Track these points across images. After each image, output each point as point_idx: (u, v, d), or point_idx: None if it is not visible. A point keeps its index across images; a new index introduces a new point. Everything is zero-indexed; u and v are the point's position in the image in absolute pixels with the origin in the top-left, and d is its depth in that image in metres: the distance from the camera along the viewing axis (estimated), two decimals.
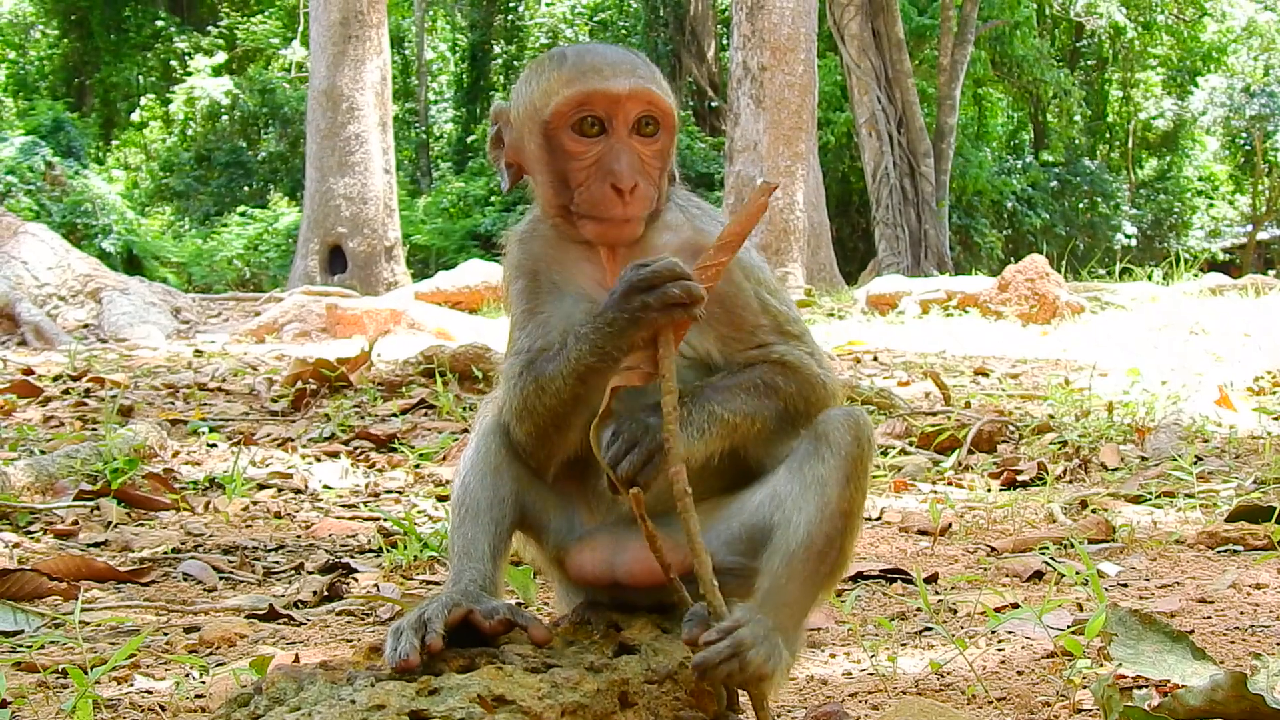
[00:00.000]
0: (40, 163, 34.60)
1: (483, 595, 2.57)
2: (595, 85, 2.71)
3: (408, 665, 2.35)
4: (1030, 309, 16.81)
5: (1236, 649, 3.48)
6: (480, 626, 2.48)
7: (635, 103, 2.72)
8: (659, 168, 2.77)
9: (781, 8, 22.78)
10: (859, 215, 38.92)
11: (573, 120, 2.72)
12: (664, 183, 2.81)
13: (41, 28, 51.84)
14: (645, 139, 2.75)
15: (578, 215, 2.74)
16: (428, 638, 2.40)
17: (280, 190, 43.49)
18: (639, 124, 2.74)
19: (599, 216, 2.72)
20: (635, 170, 2.70)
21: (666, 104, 2.76)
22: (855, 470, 2.70)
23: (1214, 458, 6.89)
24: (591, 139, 2.73)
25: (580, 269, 2.81)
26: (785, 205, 22.75)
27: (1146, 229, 49.12)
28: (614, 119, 2.72)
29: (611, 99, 2.70)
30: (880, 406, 8.64)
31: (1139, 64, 50.78)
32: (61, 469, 6.18)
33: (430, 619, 2.44)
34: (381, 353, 10.61)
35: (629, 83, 2.71)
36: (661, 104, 2.75)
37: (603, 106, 2.71)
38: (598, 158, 2.72)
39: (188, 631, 3.96)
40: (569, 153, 2.73)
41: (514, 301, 2.92)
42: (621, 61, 2.76)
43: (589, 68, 2.73)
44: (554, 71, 2.75)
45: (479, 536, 2.71)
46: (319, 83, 27.91)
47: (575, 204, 2.74)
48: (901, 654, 3.57)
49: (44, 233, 18.52)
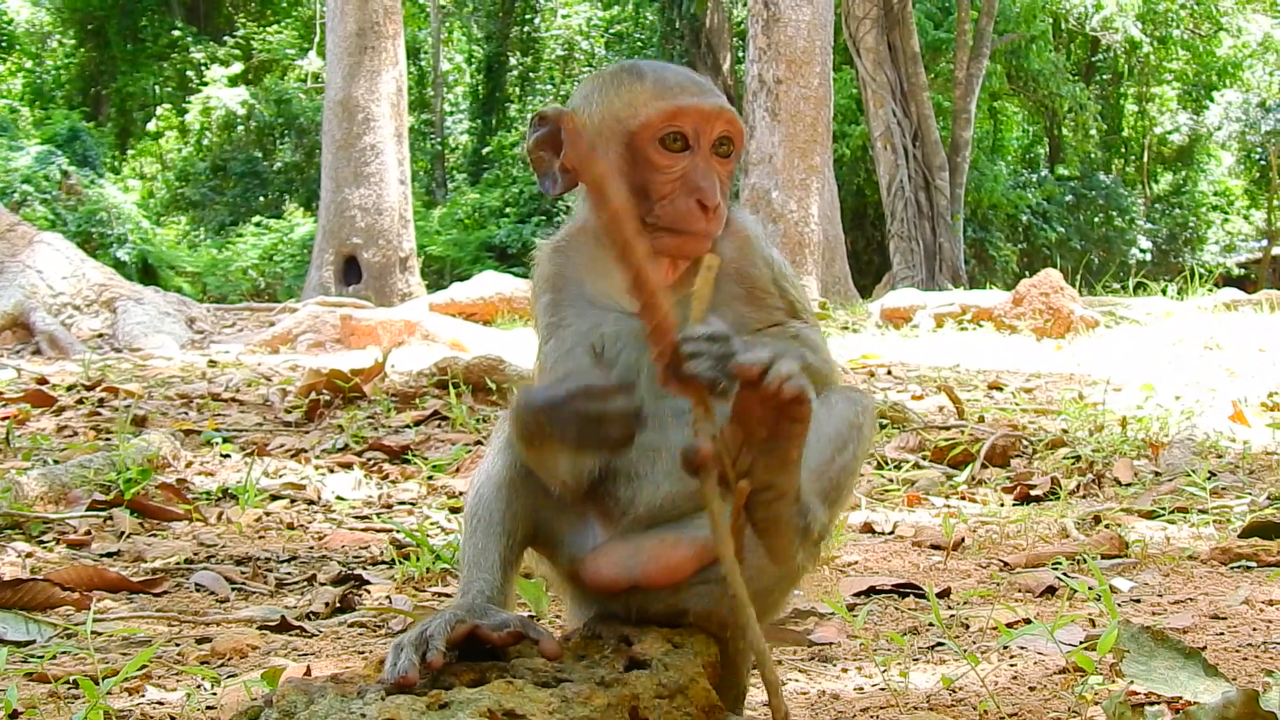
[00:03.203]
0: (56, 172, 34.70)
1: (490, 608, 2.55)
2: (687, 102, 2.76)
3: (406, 682, 2.34)
4: (1044, 323, 16.77)
5: (1249, 666, 3.46)
6: (489, 639, 2.47)
7: (720, 122, 2.77)
8: (729, 186, 2.82)
9: (797, 21, 22.78)
10: (874, 228, 38.87)
11: (661, 134, 2.76)
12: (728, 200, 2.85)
13: (58, 37, 51.99)
14: (721, 159, 2.80)
15: (655, 227, 2.75)
16: (429, 654, 2.38)
17: (295, 200, 43.57)
18: (718, 143, 2.79)
19: (681, 230, 2.75)
20: (718, 188, 2.76)
21: (741, 125, 2.81)
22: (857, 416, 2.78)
23: (1228, 473, 6.88)
24: (677, 154, 2.76)
25: (617, 280, 2.81)
26: (800, 219, 22.73)
27: (1161, 243, 49.05)
28: (701, 136, 2.77)
29: (702, 116, 2.76)
30: (894, 420, 8.63)
31: (1154, 78, 50.72)
32: (75, 479, 6.18)
33: (432, 635, 2.43)
34: (395, 364, 10.62)
35: (717, 102, 2.78)
36: (739, 125, 2.80)
37: (692, 123, 2.76)
38: (683, 173, 2.76)
39: (200, 642, 3.96)
40: (654, 165, 2.77)
41: (540, 315, 2.93)
42: (704, 82, 2.84)
43: (676, 85, 2.79)
44: (637, 84, 2.80)
45: (490, 547, 2.70)
46: (335, 93, 27.94)
47: (654, 216, 2.76)
48: (913, 669, 3.56)
49: (59, 242, 18.54)
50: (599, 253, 2.83)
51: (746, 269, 2.84)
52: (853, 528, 5.97)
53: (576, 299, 2.87)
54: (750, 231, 2.91)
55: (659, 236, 2.75)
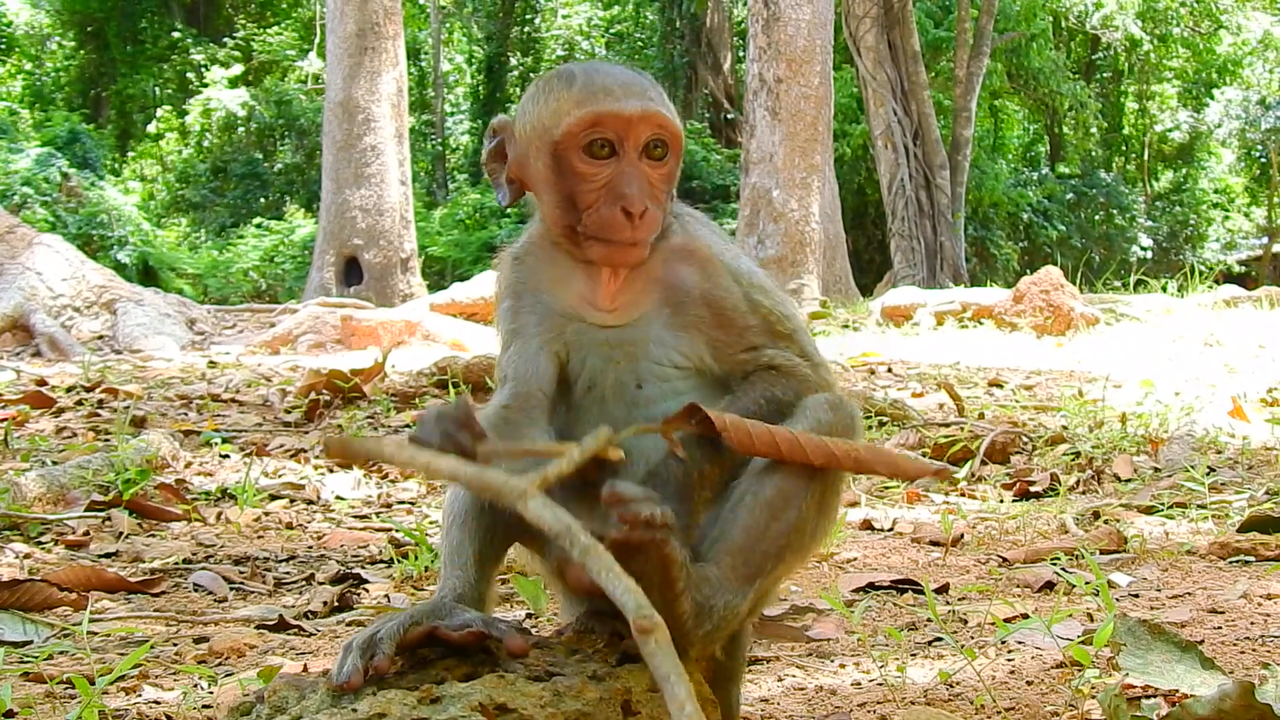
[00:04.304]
0: (56, 174, 34.70)
1: (456, 608, 2.50)
2: (607, 107, 2.69)
3: (348, 687, 2.29)
4: (1045, 320, 16.76)
5: (1246, 659, 3.46)
6: (449, 639, 2.42)
7: (646, 125, 2.70)
8: (666, 190, 2.76)
9: (797, 20, 22.80)
10: (875, 227, 38.85)
11: (584, 141, 2.70)
12: (669, 205, 2.80)
13: (58, 39, 51.97)
14: (654, 162, 2.73)
15: (585, 236, 2.72)
16: (376, 658, 2.33)
17: (296, 202, 43.56)
18: (649, 147, 2.72)
19: (607, 239, 2.70)
20: (645, 194, 2.69)
21: (675, 127, 2.74)
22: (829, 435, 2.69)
23: (1227, 469, 6.88)
24: (602, 161, 2.71)
25: (574, 289, 2.79)
26: (801, 217, 22.75)
27: (1162, 241, 49.03)
28: (625, 141, 2.70)
29: (623, 121, 2.69)
30: (894, 418, 8.64)
31: (1155, 76, 50.71)
32: (73, 480, 6.19)
33: (382, 638, 2.37)
34: (395, 364, 10.62)
35: (640, 105, 2.70)
36: (671, 127, 2.73)
37: (614, 128, 2.69)
38: (607, 180, 2.70)
39: (197, 642, 3.96)
40: (579, 174, 2.71)
41: (501, 321, 2.91)
42: (632, 83, 2.74)
43: (600, 89, 2.71)
44: (564, 91, 2.73)
45: (465, 543, 2.67)
46: (335, 94, 27.95)
47: (583, 225, 2.72)
48: (911, 664, 3.56)
49: (59, 244, 18.56)
50: (557, 260, 2.82)
51: (712, 292, 2.78)
52: (852, 524, 5.98)
53: (536, 306, 2.84)
54: (713, 250, 2.85)
55: (590, 245, 2.72)
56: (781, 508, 2.61)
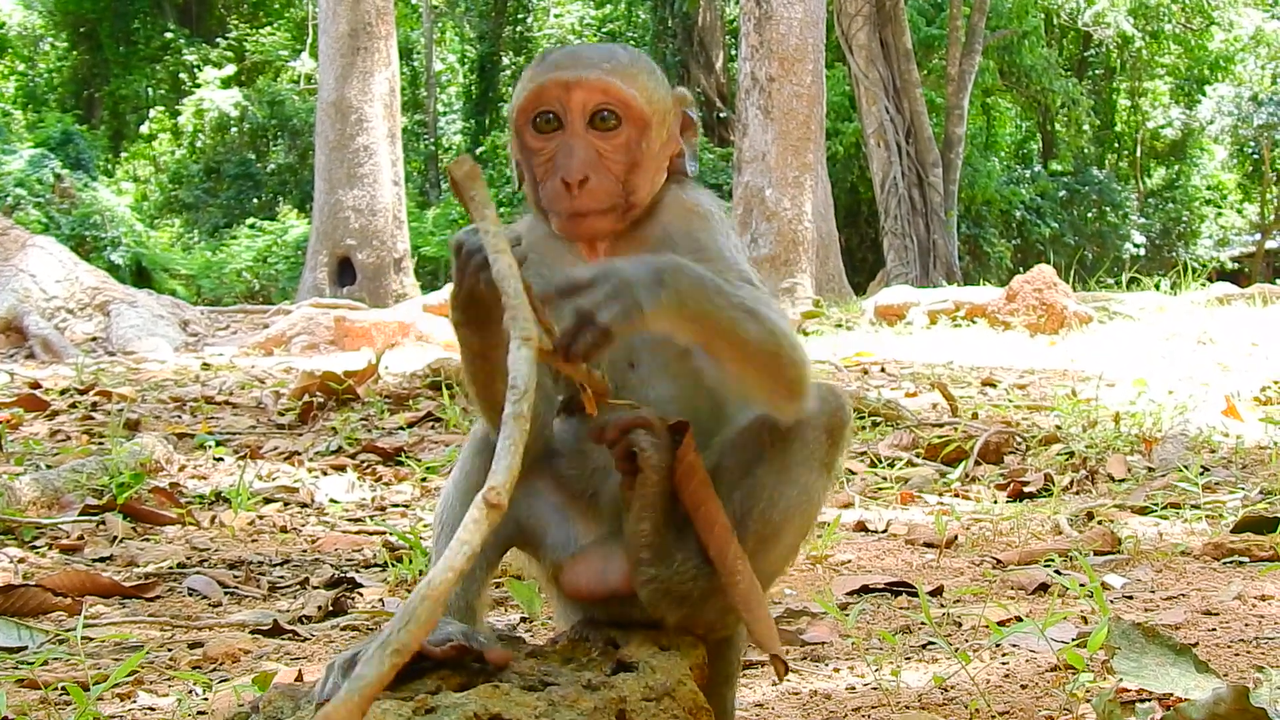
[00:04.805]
0: (49, 175, 34.67)
1: (440, 621, 2.51)
2: (549, 77, 2.68)
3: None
4: (1038, 319, 16.77)
5: (1241, 662, 3.47)
6: (430, 655, 2.42)
7: (585, 93, 2.68)
8: (624, 162, 2.71)
9: (789, 19, 22.82)
10: (867, 225, 38.83)
11: (532, 116, 2.71)
12: (640, 178, 2.74)
13: (50, 40, 51.90)
14: (604, 133, 2.70)
15: (547, 211, 2.73)
16: None
17: (289, 202, 43.57)
18: (595, 117, 2.69)
19: (555, 211, 2.70)
20: (587, 164, 2.66)
21: (624, 95, 2.69)
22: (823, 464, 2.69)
23: (1221, 468, 6.88)
24: (548, 134, 2.71)
25: (564, 264, 2.78)
26: (794, 216, 22.77)
27: (1155, 238, 49.08)
28: (569, 112, 2.69)
29: (562, 89, 2.67)
30: (887, 418, 8.64)
31: (1147, 73, 50.73)
32: (67, 483, 6.18)
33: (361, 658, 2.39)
34: (389, 365, 10.61)
35: (578, 73, 2.68)
36: (618, 94, 2.69)
37: (555, 98, 2.68)
38: (553, 153, 2.70)
39: (192, 647, 3.95)
40: (531, 149, 2.73)
41: None
42: (589, 56, 2.73)
43: (553, 63, 2.71)
44: (529, 70, 2.74)
45: None
46: (327, 95, 27.94)
47: (542, 199, 2.74)
48: (905, 668, 3.57)
49: (52, 245, 18.54)
50: (550, 237, 2.80)
51: (697, 234, 2.76)
52: (846, 526, 5.97)
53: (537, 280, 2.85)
54: (704, 207, 2.83)
55: (552, 220, 2.73)
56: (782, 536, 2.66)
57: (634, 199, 2.74)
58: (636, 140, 2.72)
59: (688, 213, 2.80)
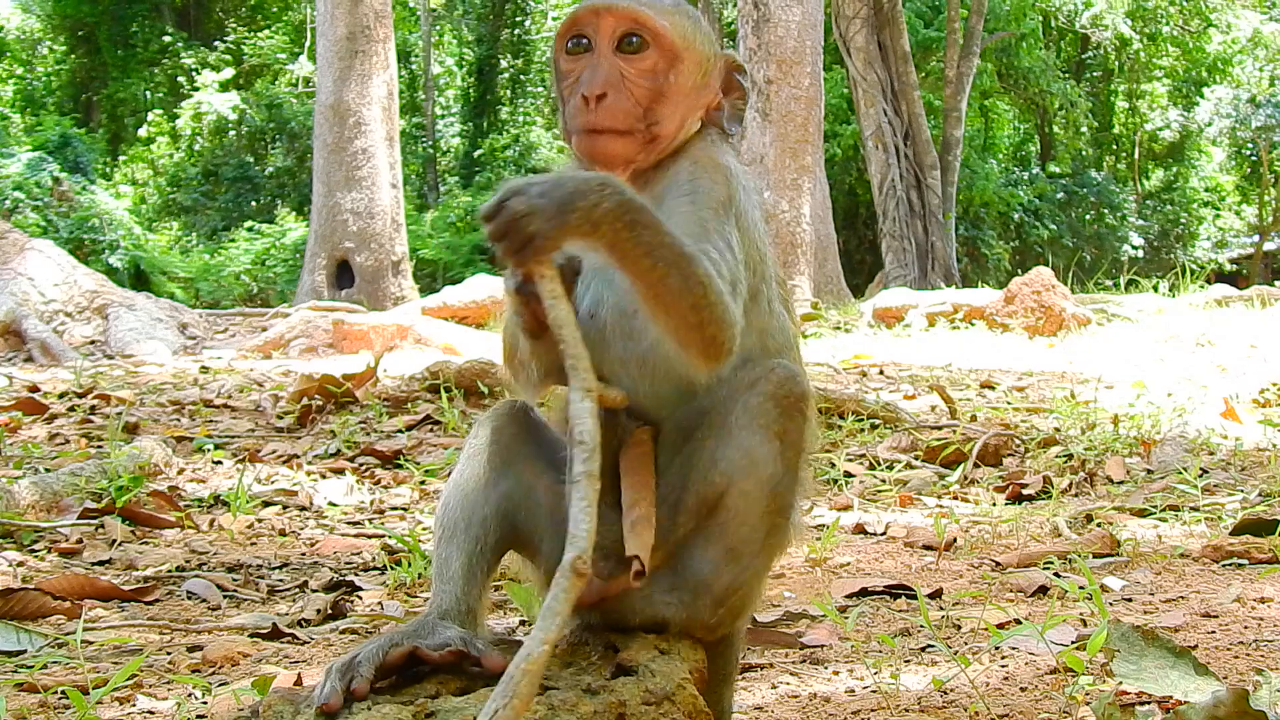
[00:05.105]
0: (48, 178, 34.66)
1: (439, 625, 2.53)
2: (584, 5, 2.76)
3: (328, 709, 2.32)
4: (1036, 321, 16.78)
5: (1240, 664, 3.47)
6: (429, 660, 2.45)
7: (614, 17, 2.74)
8: (647, 88, 2.75)
9: (787, 21, 22.81)
10: (866, 228, 38.88)
11: (565, 42, 2.79)
12: (664, 109, 2.78)
13: (49, 43, 51.93)
14: (630, 56, 2.75)
15: (572, 135, 2.77)
16: (355, 682, 2.36)
17: (287, 205, 43.56)
18: (622, 41, 2.75)
19: (574, 129, 2.75)
20: (608, 82, 2.72)
21: (655, 23, 2.75)
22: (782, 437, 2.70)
23: (1219, 470, 6.88)
24: (578, 56, 2.77)
25: None
26: (792, 219, 22.76)
27: (1153, 240, 49.12)
28: (598, 36, 2.75)
29: (593, 13, 2.75)
30: (886, 420, 8.64)
31: (1145, 75, 50.75)
32: (66, 487, 6.17)
33: (361, 662, 2.40)
34: (388, 368, 10.59)
35: (611, 1, 2.74)
36: (648, 22, 2.75)
37: (586, 22, 2.76)
38: (580, 73, 2.76)
39: (191, 651, 3.95)
40: (563, 73, 2.80)
41: None
42: None
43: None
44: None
45: (453, 556, 2.67)
46: (326, 97, 27.93)
47: (567, 122, 2.79)
48: (905, 671, 3.57)
49: (50, 249, 18.51)
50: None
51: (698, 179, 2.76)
52: (845, 529, 5.97)
53: None
54: (724, 163, 2.83)
55: (576, 143, 2.77)
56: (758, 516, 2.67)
57: (656, 129, 2.77)
58: (664, 70, 2.77)
59: (704, 162, 2.82)
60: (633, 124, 2.74)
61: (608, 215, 2.35)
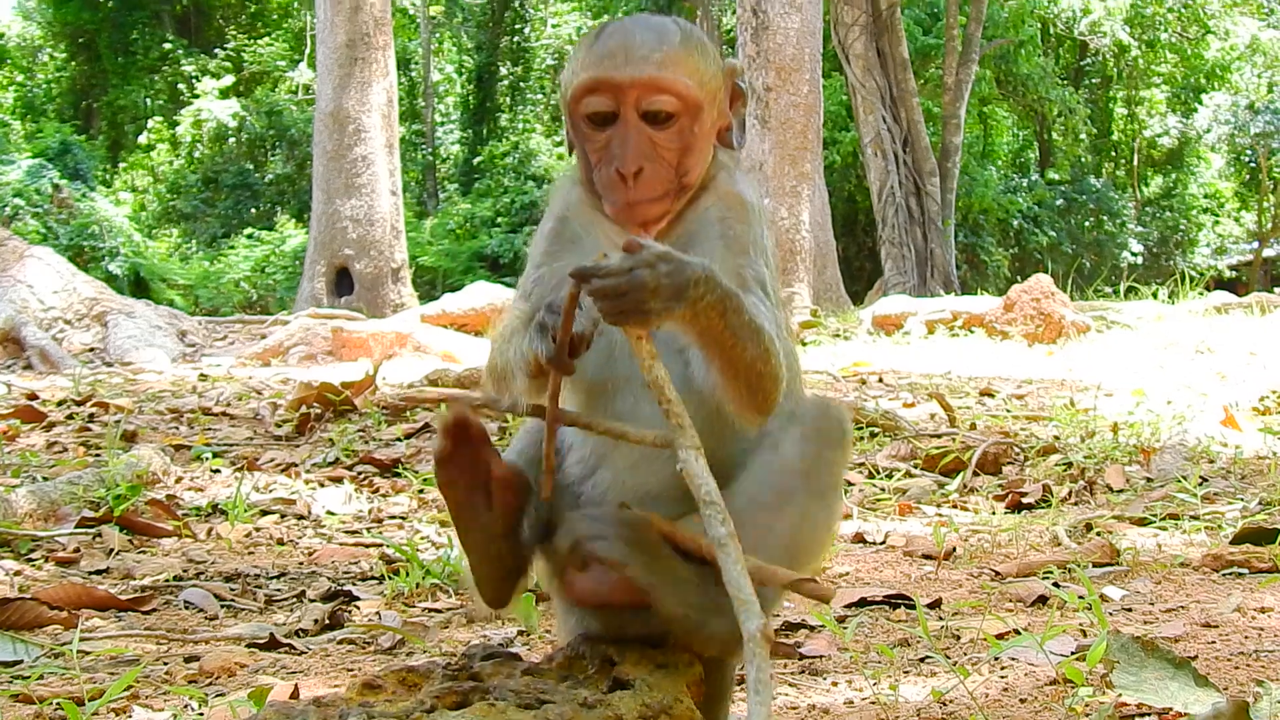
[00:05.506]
0: (47, 185, 34.73)
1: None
2: (602, 74, 2.70)
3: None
4: (1036, 328, 16.77)
5: (1240, 674, 3.45)
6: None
7: (640, 92, 2.70)
8: (677, 149, 2.73)
9: (786, 28, 22.82)
10: (865, 235, 38.91)
11: (585, 108, 2.74)
12: (692, 160, 2.77)
13: (49, 51, 52.04)
14: (658, 125, 2.72)
15: (604, 200, 2.76)
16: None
17: (287, 212, 43.64)
18: (648, 114, 2.72)
19: (610, 200, 2.74)
20: (642, 155, 2.69)
21: (679, 89, 2.71)
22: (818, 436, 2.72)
23: (1219, 478, 6.86)
24: (602, 125, 2.74)
25: (602, 229, 2.82)
26: (791, 226, 22.76)
27: (1153, 246, 49.15)
28: (623, 107, 2.71)
29: (617, 89, 2.70)
30: (885, 429, 8.62)
31: (1143, 82, 50.77)
32: (64, 495, 6.16)
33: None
34: (387, 376, 10.58)
35: (634, 73, 2.69)
36: (671, 88, 2.71)
37: (609, 94, 2.71)
38: (607, 142, 2.72)
39: (188, 661, 3.94)
40: (585, 135, 2.76)
41: (538, 239, 2.93)
42: (639, 45, 2.72)
43: (604, 53, 2.73)
44: (581, 52, 2.77)
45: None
46: (325, 105, 27.96)
47: (596, 182, 2.76)
48: (904, 682, 3.56)
49: (49, 256, 18.52)
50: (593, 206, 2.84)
51: (732, 223, 2.79)
52: (844, 538, 5.96)
53: (576, 236, 2.86)
54: (747, 198, 2.85)
55: (604, 203, 2.77)
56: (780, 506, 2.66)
57: (686, 180, 2.78)
58: (690, 127, 2.75)
59: (730, 201, 2.83)
60: (668, 187, 2.74)
61: (707, 308, 2.46)
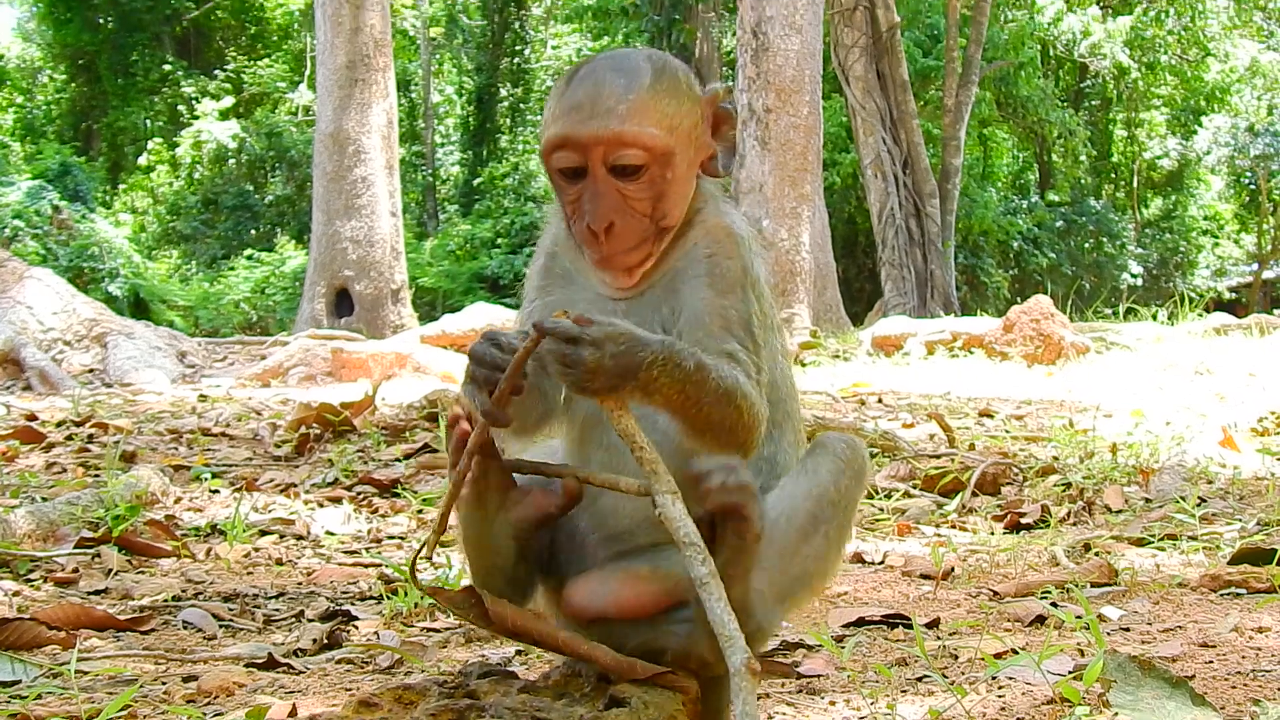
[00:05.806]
0: (47, 207, 34.71)
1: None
2: (568, 129, 2.68)
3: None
4: (1035, 350, 16.78)
5: (1237, 694, 3.45)
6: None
7: (606, 148, 2.67)
8: (649, 198, 2.71)
9: (786, 50, 22.85)
10: (865, 256, 38.93)
11: (555, 162, 2.72)
12: (668, 205, 2.74)
13: (49, 72, 52.09)
14: (626, 178, 2.69)
15: (583, 250, 2.76)
16: None
17: (287, 233, 43.64)
18: (615, 169, 2.69)
19: (590, 255, 2.73)
20: (611, 210, 2.67)
21: (645, 140, 2.67)
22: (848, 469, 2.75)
23: (1218, 499, 6.87)
24: (572, 178, 2.72)
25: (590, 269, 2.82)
26: (791, 247, 22.77)
27: (1152, 268, 49.17)
28: (590, 162, 2.68)
29: (581, 145, 2.67)
30: (884, 449, 8.62)
31: (1143, 104, 50.84)
32: (63, 516, 6.16)
33: None
34: (386, 396, 10.59)
35: (598, 128, 2.66)
36: (639, 142, 2.67)
37: (576, 150, 2.68)
38: (579, 195, 2.71)
39: (186, 681, 3.93)
40: (558, 187, 2.75)
41: (531, 274, 2.94)
42: (605, 96, 2.69)
43: (572, 104, 2.69)
44: (553, 101, 2.75)
45: None
46: (325, 126, 27.99)
47: (573, 234, 2.76)
48: (901, 701, 3.55)
49: (49, 277, 18.54)
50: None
51: (719, 259, 2.78)
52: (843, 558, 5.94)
53: (566, 271, 2.87)
54: (736, 230, 2.85)
55: (584, 253, 2.76)
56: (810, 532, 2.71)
57: (665, 224, 2.76)
58: (662, 174, 2.72)
59: (718, 234, 2.82)
60: (644, 236, 2.73)
61: (663, 386, 2.49)
